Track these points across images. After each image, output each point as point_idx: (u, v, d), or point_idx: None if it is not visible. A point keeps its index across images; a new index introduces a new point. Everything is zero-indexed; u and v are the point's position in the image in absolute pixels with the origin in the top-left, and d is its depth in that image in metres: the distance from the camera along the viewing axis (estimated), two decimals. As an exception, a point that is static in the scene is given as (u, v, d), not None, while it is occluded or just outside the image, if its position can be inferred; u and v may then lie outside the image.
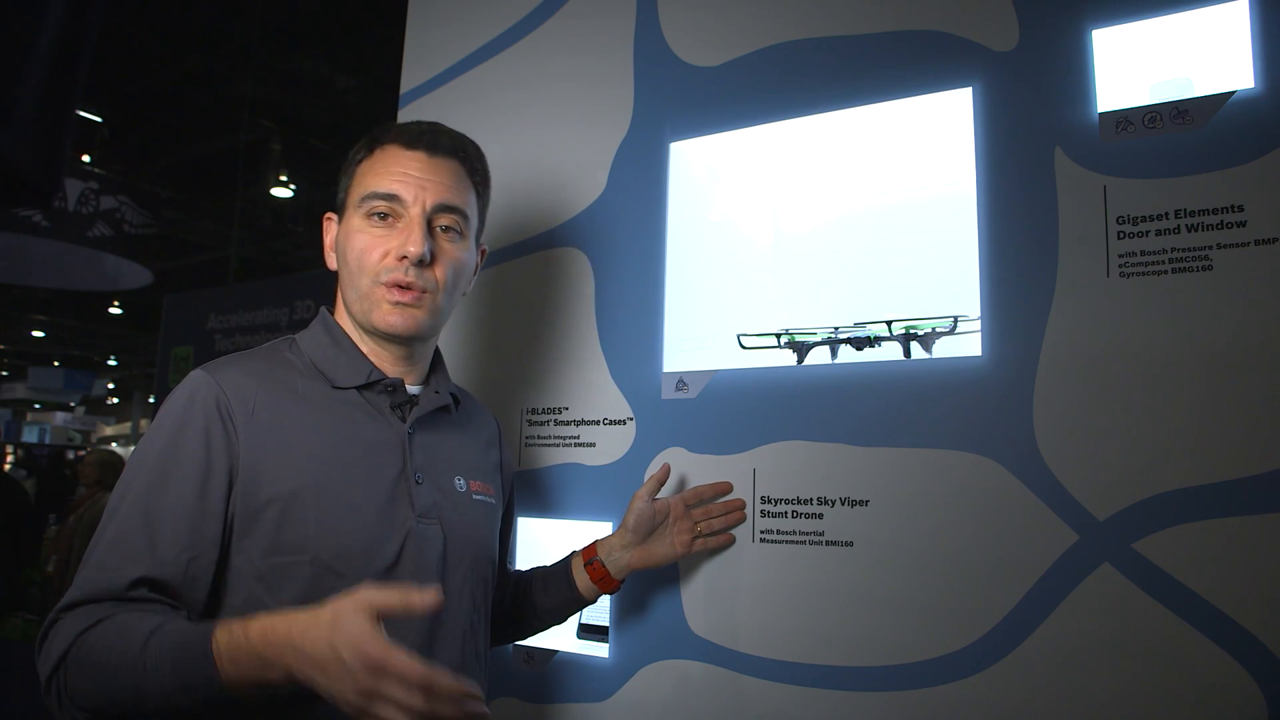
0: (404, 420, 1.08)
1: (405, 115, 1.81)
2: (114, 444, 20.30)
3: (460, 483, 1.11)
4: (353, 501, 0.99)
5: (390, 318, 1.05)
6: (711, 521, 1.31)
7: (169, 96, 7.32)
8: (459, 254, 1.09)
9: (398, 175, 1.06)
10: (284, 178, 8.13)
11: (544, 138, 1.63)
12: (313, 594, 0.94)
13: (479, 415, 1.26)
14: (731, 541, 1.33)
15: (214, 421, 0.96)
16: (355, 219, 1.07)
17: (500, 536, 1.24)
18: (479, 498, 1.13)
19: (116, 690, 0.84)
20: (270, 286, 5.09)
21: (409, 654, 0.76)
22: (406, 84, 1.83)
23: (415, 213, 1.05)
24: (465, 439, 1.17)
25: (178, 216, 9.65)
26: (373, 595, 0.78)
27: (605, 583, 1.25)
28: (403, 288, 1.04)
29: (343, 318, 1.12)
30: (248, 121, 6.82)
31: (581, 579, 1.26)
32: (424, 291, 1.06)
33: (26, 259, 7.05)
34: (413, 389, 1.11)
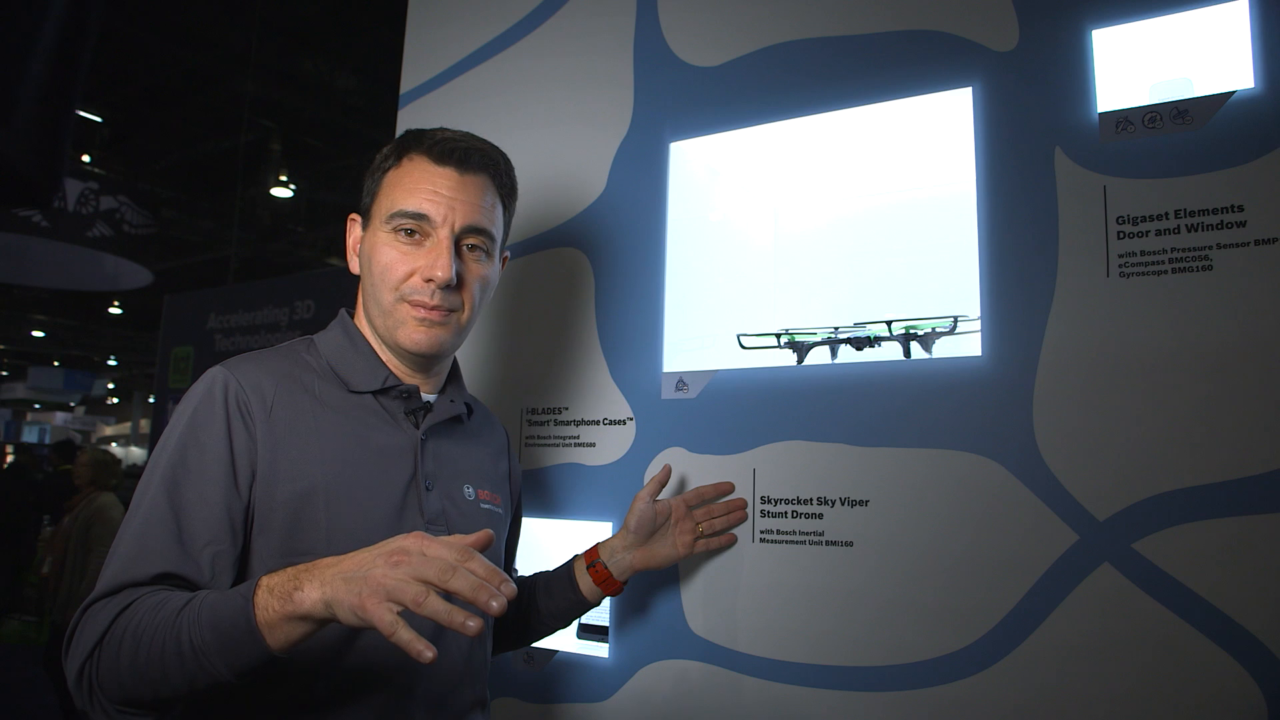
0: (417, 426, 1.08)
1: (405, 115, 1.81)
2: (114, 444, 20.29)
3: (469, 491, 1.11)
4: (364, 505, 0.99)
5: (415, 334, 1.04)
6: (713, 521, 1.30)
7: (169, 96, 7.32)
8: (485, 272, 1.09)
9: (426, 193, 1.04)
10: (284, 178, 8.13)
11: (544, 138, 1.63)
12: None
13: (490, 425, 1.26)
14: (733, 541, 1.33)
15: (234, 417, 0.96)
16: (381, 232, 1.06)
17: (506, 546, 1.24)
18: (486, 506, 1.13)
19: (147, 663, 0.81)
20: (270, 286, 5.08)
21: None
22: (406, 84, 1.83)
23: (444, 234, 1.04)
24: (476, 448, 1.17)
25: (178, 216, 9.66)
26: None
27: (608, 585, 1.25)
28: (429, 308, 1.04)
29: (362, 322, 1.11)
30: (248, 121, 6.82)
31: (584, 581, 1.26)
32: (450, 311, 1.06)
33: (26, 259, 7.06)
34: (428, 396, 1.11)
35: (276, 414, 0.98)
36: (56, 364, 19.56)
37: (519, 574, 1.37)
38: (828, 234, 1.35)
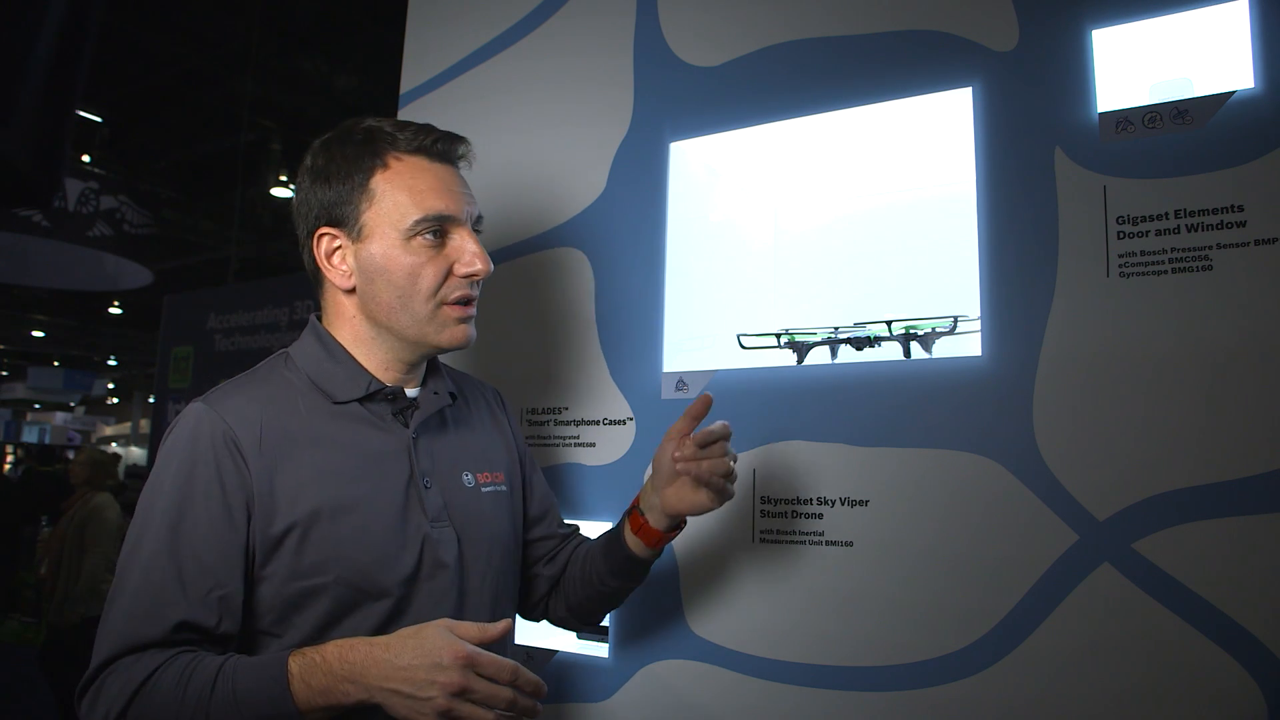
0: (407, 426, 1.07)
1: (405, 115, 1.81)
2: (113, 444, 20.30)
3: (468, 478, 1.11)
4: (368, 516, 0.99)
5: (457, 332, 1.07)
6: (700, 465, 1.07)
7: (169, 96, 7.32)
8: None
9: (442, 192, 1.04)
10: (284, 178, 8.13)
11: (544, 138, 1.63)
12: (337, 611, 0.96)
13: (476, 396, 1.23)
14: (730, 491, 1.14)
15: (224, 456, 0.95)
16: (397, 239, 1.02)
17: (536, 491, 1.25)
18: (488, 488, 1.13)
19: None
20: (270, 286, 5.08)
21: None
22: (406, 84, 1.83)
23: (467, 228, 1.06)
24: (466, 431, 1.16)
25: (178, 216, 9.65)
26: (450, 622, 0.89)
27: (645, 533, 1.13)
28: (465, 302, 1.06)
29: (338, 328, 1.08)
30: (248, 121, 6.82)
31: (629, 533, 1.15)
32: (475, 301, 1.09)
33: (26, 259, 7.06)
34: (411, 393, 1.11)
35: (267, 442, 0.97)
36: (56, 364, 19.56)
37: (578, 531, 1.30)
38: (828, 234, 1.35)
